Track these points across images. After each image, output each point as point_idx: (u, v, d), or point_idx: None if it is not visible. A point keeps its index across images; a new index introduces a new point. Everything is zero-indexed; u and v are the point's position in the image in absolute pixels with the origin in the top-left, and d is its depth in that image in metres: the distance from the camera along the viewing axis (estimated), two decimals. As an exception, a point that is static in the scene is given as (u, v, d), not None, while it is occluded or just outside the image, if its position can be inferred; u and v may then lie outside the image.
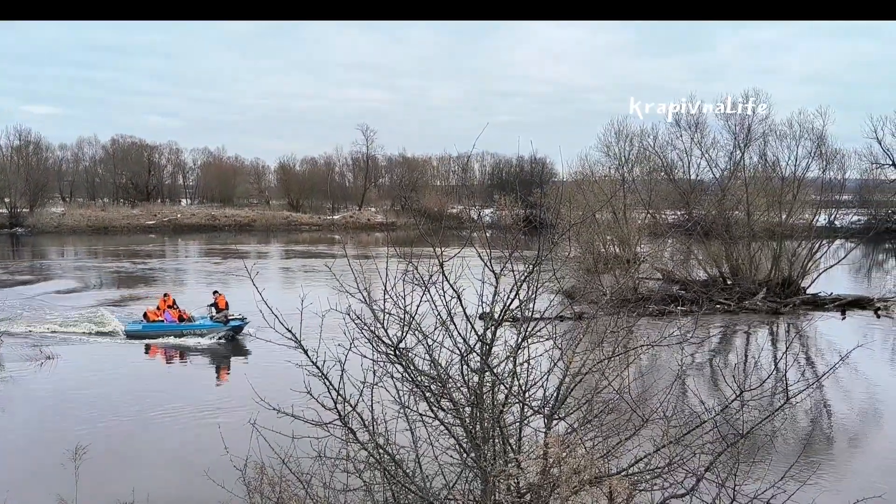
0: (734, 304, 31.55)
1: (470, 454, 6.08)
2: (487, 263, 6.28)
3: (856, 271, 45.87)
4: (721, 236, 34.65)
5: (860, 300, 32.28)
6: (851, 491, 10.86)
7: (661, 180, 40.18)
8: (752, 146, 37.17)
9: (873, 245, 59.38)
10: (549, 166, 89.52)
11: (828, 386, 19.23)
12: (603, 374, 6.15)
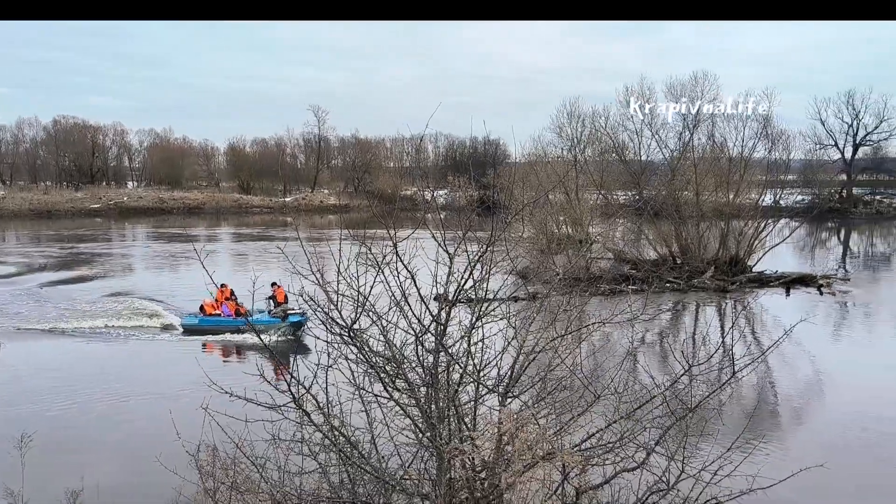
0: (684, 283, 32.23)
1: (425, 434, 6.11)
2: (441, 244, 6.29)
3: (800, 249, 47.22)
4: (671, 216, 35.30)
5: (804, 277, 33.27)
6: (795, 461, 11.20)
7: (612, 161, 40.71)
8: (701, 127, 37.88)
9: (817, 224, 61.26)
10: (502, 147, 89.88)
11: (773, 361, 19.81)
12: (556, 353, 6.23)
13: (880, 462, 12.89)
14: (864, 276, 37.34)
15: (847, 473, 12.25)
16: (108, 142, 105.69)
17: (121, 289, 32.17)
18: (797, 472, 6.17)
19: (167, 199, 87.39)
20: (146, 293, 30.59)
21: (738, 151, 35.78)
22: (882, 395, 16.85)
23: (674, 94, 38.93)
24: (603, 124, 41.07)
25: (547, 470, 5.93)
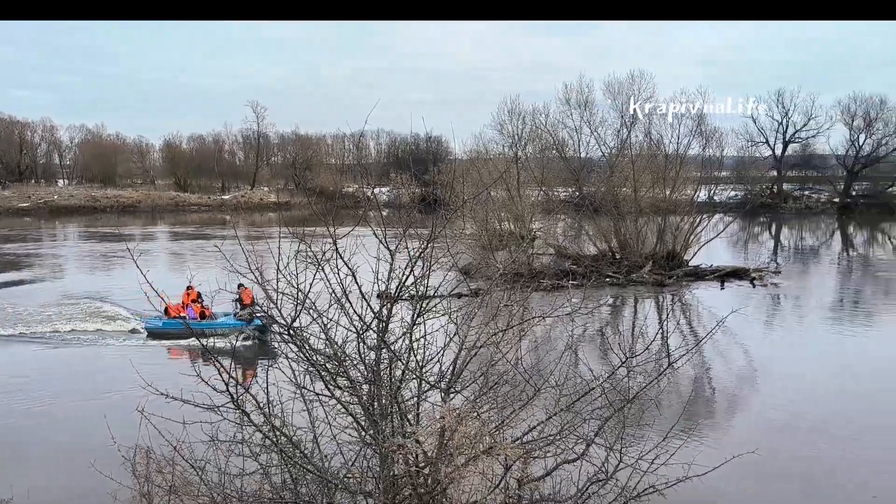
0: (623, 278, 32.86)
1: (368, 431, 6.09)
2: (382, 241, 6.27)
3: (734, 244, 48.68)
4: (610, 212, 35.93)
5: (737, 271, 34.33)
6: (730, 448, 11.59)
7: (553, 158, 41.22)
8: (638, 124, 38.69)
9: (749, 219, 63.24)
10: (444, 144, 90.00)
11: (709, 352, 20.41)
12: (497, 348, 6.28)
13: (810, 447, 13.38)
14: (795, 269, 38.73)
15: (778, 459, 12.69)
16: (36, 138, 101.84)
17: (73, 291, 30.88)
18: (730, 459, 6.37)
19: (100, 198, 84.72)
20: (99, 294, 29.51)
21: (674, 148, 36.71)
22: (812, 383, 17.52)
23: (612, 92, 39.71)
24: (543, 122, 41.57)
25: (489, 463, 5.99)
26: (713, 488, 10.38)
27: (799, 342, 22.81)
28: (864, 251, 48.13)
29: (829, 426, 14.37)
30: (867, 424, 14.46)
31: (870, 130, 71.05)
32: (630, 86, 39.96)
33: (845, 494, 11.56)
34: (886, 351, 20.66)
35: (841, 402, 15.96)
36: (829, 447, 13.32)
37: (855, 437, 13.84)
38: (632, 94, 39.14)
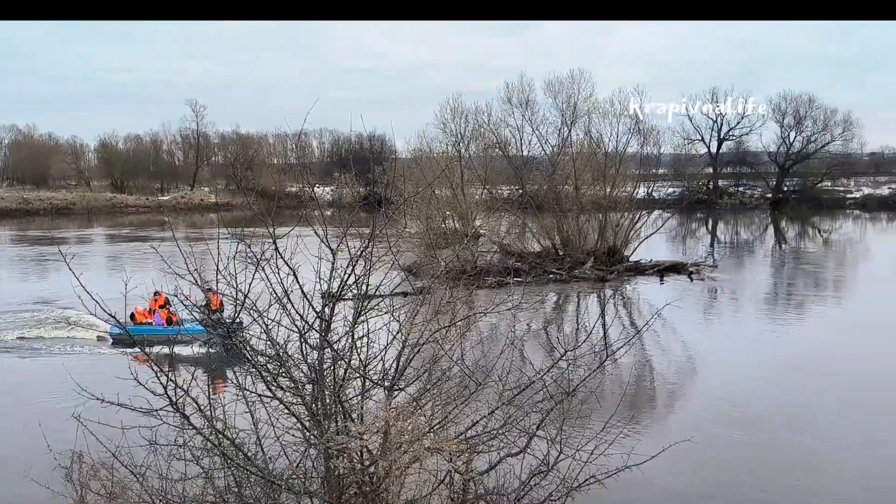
0: (566, 274, 33.36)
1: (311, 431, 6.07)
2: (323, 240, 6.25)
3: (672, 239, 49.89)
4: (552, 209, 36.44)
5: (676, 265, 35.20)
6: (668, 437, 11.92)
7: (496, 157, 41.51)
8: (578, 123, 39.30)
9: (686, 215, 64.82)
10: (388, 143, 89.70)
11: (650, 346, 20.94)
12: (440, 344, 6.34)
13: (745, 435, 13.83)
14: (730, 263, 39.94)
15: (714, 447, 13.11)
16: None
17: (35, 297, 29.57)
18: (667, 448, 6.57)
19: (32, 200, 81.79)
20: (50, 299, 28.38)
21: (613, 146, 37.42)
22: (747, 373, 18.08)
23: (552, 90, 40.21)
24: (486, 121, 41.84)
25: (433, 459, 6.04)
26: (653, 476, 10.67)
27: (735, 334, 23.53)
28: (795, 245, 49.89)
29: (762, 415, 14.88)
30: (798, 413, 15.03)
31: (799, 128, 73.70)
32: (570, 85, 40.60)
33: (775, 480, 11.98)
34: (817, 341, 21.49)
35: (774, 392, 16.52)
36: (762, 435, 13.80)
37: (787, 424, 14.37)
38: (572, 92, 39.73)
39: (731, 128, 77.06)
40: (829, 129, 72.35)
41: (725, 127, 77.13)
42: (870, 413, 14.77)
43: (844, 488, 11.56)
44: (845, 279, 34.61)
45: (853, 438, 13.41)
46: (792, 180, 75.68)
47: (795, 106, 73.32)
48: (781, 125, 74.49)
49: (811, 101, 72.78)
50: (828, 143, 72.40)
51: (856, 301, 28.52)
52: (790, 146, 74.12)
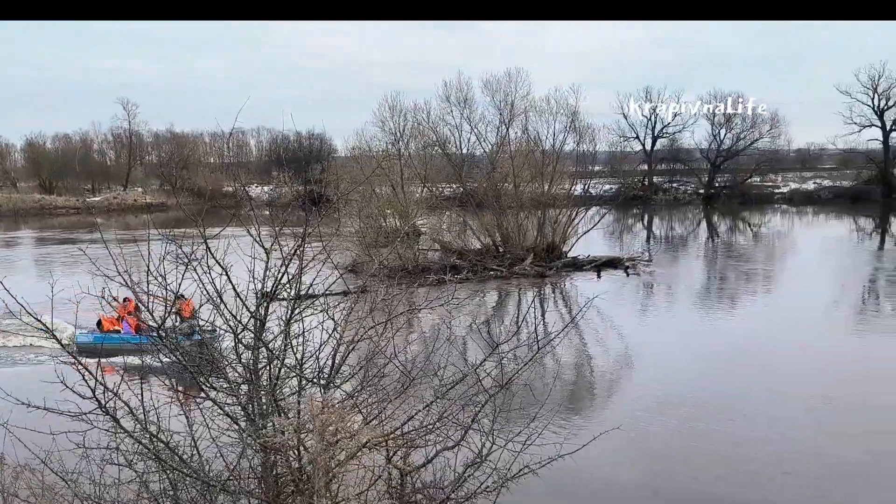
0: (506, 270, 33.75)
1: (247, 432, 6.06)
2: (256, 238, 6.25)
3: (609, 235, 50.94)
4: (492, 207, 36.77)
5: (612, 260, 35.97)
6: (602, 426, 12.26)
7: (436, 155, 41.62)
8: (516, 121, 39.70)
9: (623, 211, 66.28)
10: (328, 142, 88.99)
11: (588, 339, 21.45)
12: (374, 342, 6.40)
13: (678, 424, 14.29)
14: (665, 257, 40.96)
15: (649, 436, 13.54)
16: None
17: None
18: (598, 436, 6.78)
19: (-47, 203, 78.40)
20: None
21: (551, 144, 37.96)
22: (681, 364, 18.65)
23: (490, 89, 40.48)
24: (425, 119, 41.91)
25: (370, 455, 6.11)
26: (590, 466, 10.97)
27: (668, 326, 24.19)
28: (727, 239, 51.48)
29: (695, 405, 15.37)
30: (729, 403, 15.57)
31: (729, 126, 76.00)
32: (508, 83, 40.92)
33: (707, 468, 12.43)
34: (746, 333, 22.22)
35: (707, 383, 17.08)
36: (695, 424, 14.27)
37: (719, 412, 14.91)
38: (509, 91, 40.10)
39: (665, 126, 79.05)
40: (758, 126, 74.91)
41: (659, 125, 79.07)
42: (795, 403, 15.39)
43: (771, 474, 12.07)
44: (774, 272, 35.91)
45: (779, 428, 13.98)
46: (723, 176, 77.93)
47: (726, 104, 75.63)
48: (712, 123, 76.77)
49: (740, 100, 75.23)
50: (756, 141, 74.89)
51: (783, 294, 29.62)
52: (721, 143, 76.40)
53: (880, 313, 25.51)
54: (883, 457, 12.66)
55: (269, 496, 6.07)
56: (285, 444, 5.60)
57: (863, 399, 15.38)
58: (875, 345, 20.31)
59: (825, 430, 13.88)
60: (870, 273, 33.66)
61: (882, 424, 14.03)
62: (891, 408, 14.85)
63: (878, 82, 71.72)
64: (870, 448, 13.00)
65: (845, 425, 14.11)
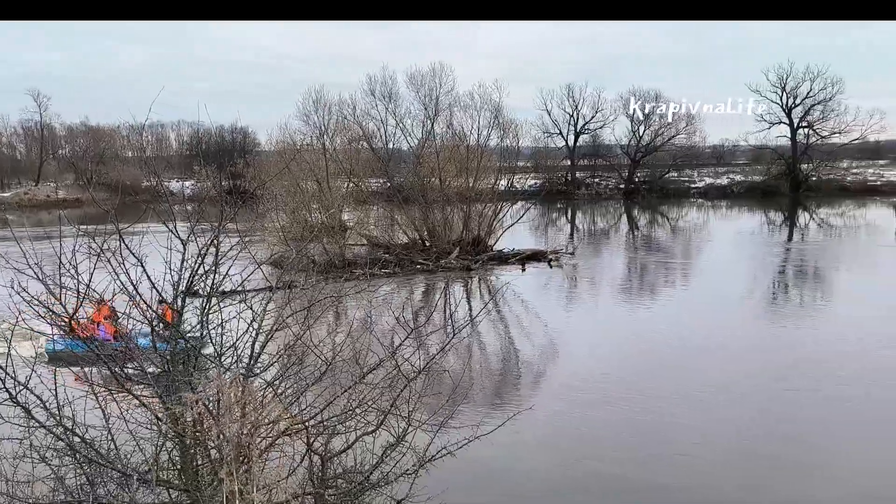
0: (432, 264, 34.05)
1: (166, 423, 6.07)
2: (172, 230, 6.25)
3: (534, 229, 51.88)
4: (418, 201, 36.98)
5: (536, 253, 36.71)
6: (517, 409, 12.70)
7: (361, 149, 41.56)
8: (441, 116, 40.05)
9: (547, 205, 67.56)
10: (252, 136, 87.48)
11: (514, 330, 21.97)
12: (294, 331, 6.50)
13: (599, 412, 14.81)
14: (588, 250, 42.06)
15: (568, 418, 14.04)
16: None
17: None
18: (511, 417, 7.06)
19: None
20: None
21: (475, 139, 38.44)
22: (601, 352, 19.27)
23: (414, 83, 40.71)
24: (351, 113, 41.78)
25: (292, 443, 6.21)
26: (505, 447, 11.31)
27: (591, 316, 24.94)
28: (646, 232, 53.14)
29: (616, 393, 15.93)
30: (647, 386, 16.23)
31: (647, 122, 78.37)
32: (432, 78, 41.27)
33: (631, 452, 12.96)
34: (667, 322, 23.08)
35: (626, 369, 17.70)
36: (616, 411, 14.82)
37: (638, 393, 15.54)
38: (434, 86, 40.43)
39: (587, 122, 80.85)
40: (675, 123, 77.49)
41: (581, 121, 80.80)
42: (712, 387, 16.14)
43: (691, 454, 12.70)
44: (691, 264, 37.31)
45: (696, 412, 14.67)
46: (643, 171, 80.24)
47: (643, 102, 77.93)
48: (631, 120, 78.99)
49: (658, 97, 77.64)
50: (673, 137, 77.39)
51: (700, 285, 30.81)
52: (640, 139, 78.65)
53: (789, 303, 26.92)
54: (790, 437, 13.48)
55: (190, 486, 6.10)
56: (203, 432, 5.63)
57: (772, 383, 16.28)
58: (784, 332, 21.42)
59: (738, 413, 14.64)
60: (779, 264, 35.40)
61: (789, 406, 14.91)
62: (798, 390, 15.76)
63: (786, 81, 75.31)
64: (774, 430, 13.85)
65: (760, 408, 14.91)
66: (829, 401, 15.08)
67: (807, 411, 14.60)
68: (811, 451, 12.85)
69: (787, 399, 15.24)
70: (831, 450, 12.85)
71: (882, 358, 17.72)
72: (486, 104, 38.22)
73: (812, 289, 29.75)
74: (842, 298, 26.70)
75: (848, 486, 11.32)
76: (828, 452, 12.75)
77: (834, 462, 12.36)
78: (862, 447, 12.82)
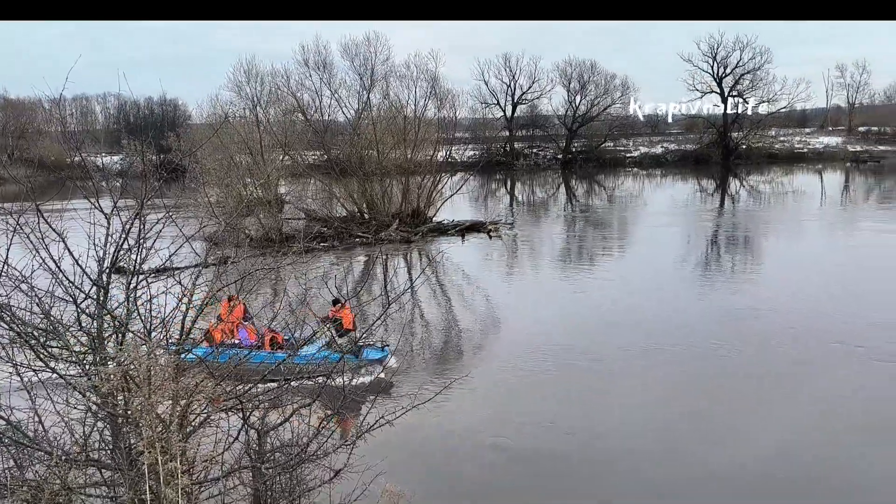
0: (372, 237, 33.91)
1: (95, 402, 5.92)
2: (95, 204, 6.05)
3: (473, 200, 52.10)
4: (356, 174, 36.64)
5: (476, 224, 36.89)
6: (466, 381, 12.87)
7: (296, 121, 40.83)
8: (377, 87, 39.61)
9: (486, 176, 67.87)
10: (182, 108, 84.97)
11: (454, 300, 22.10)
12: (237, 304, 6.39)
13: (543, 378, 15.10)
14: (527, 220, 42.54)
15: (499, 382, 14.28)
16: None
17: None
18: (447, 385, 7.13)
19: None
20: None
21: (413, 110, 38.18)
22: (541, 320, 19.56)
23: (349, 53, 40.10)
24: (285, 84, 40.93)
25: (227, 417, 6.14)
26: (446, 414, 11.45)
27: (531, 286, 25.26)
28: (584, 201, 53.94)
29: (554, 354, 16.25)
30: (586, 350, 16.60)
31: (584, 92, 79.12)
32: (367, 47, 40.71)
33: (578, 417, 13.27)
34: (604, 289, 23.54)
35: (565, 334, 18.00)
36: (561, 377, 15.13)
37: (577, 356, 15.90)
38: (369, 56, 39.91)
39: (524, 92, 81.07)
40: (610, 93, 78.49)
41: (518, 91, 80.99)
42: (648, 349, 16.62)
43: (626, 405, 13.10)
44: (627, 233, 38.12)
45: (637, 375, 15.10)
46: (579, 141, 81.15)
47: (580, 71, 78.59)
48: (568, 89, 79.58)
49: (594, 67, 78.42)
50: (609, 106, 78.43)
51: (636, 253, 31.50)
52: (576, 109, 79.39)
53: (721, 267, 27.79)
54: (716, 393, 14.03)
55: (123, 466, 5.97)
56: (136, 411, 5.51)
57: (703, 343, 16.86)
58: (716, 295, 22.13)
59: (670, 370, 15.13)
60: (712, 231, 36.46)
61: (719, 363, 15.49)
62: (728, 349, 16.36)
63: (716, 51, 76.96)
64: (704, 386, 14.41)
65: (693, 367, 15.44)
66: (755, 359, 15.76)
67: (733, 368, 15.25)
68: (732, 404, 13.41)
69: (718, 357, 15.84)
70: (750, 406, 13.43)
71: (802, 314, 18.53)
72: (423, 74, 38.00)
73: (742, 254, 30.80)
74: (771, 262, 27.80)
75: (760, 439, 11.86)
76: (746, 407, 13.32)
77: (753, 416, 12.92)
78: (781, 401, 13.45)
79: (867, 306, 19.19)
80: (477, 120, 75.22)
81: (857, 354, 15.66)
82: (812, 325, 17.78)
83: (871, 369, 14.85)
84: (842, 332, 17.10)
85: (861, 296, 20.43)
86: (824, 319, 18.27)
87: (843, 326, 17.54)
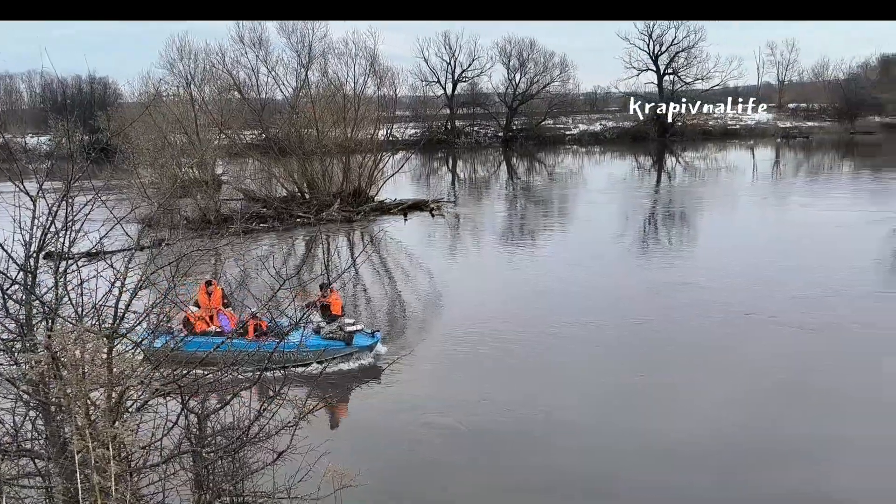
0: (313, 217, 33.54)
1: (26, 391, 5.75)
2: (19, 185, 5.82)
3: (415, 179, 52.01)
4: (296, 153, 36.10)
5: (418, 203, 36.82)
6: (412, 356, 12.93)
7: (233, 99, 39.93)
8: (315, 64, 38.99)
9: (428, 154, 67.75)
10: (113, 86, 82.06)
11: (398, 280, 22.09)
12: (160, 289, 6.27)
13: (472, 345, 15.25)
14: (469, 199, 42.71)
15: (455, 360, 14.39)
16: None
17: None
18: (395, 360, 7.16)
19: None
20: None
21: (352, 87, 37.75)
22: (485, 298, 19.73)
23: (285, 30, 39.34)
24: (220, 61, 39.93)
25: (165, 402, 6.04)
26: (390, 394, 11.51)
27: (474, 264, 25.41)
28: (525, 179, 54.39)
29: (496, 329, 16.42)
30: (527, 324, 16.84)
31: (523, 70, 79.50)
32: (304, 24, 39.95)
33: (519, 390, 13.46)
34: (546, 266, 23.85)
35: (507, 311, 18.17)
36: (496, 351, 15.30)
37: (519, 330, 16.12)
38: (306, 33, 39.21)
39: (464, 70, 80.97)
40: (549, 70, 79.04)
41: (459, 69, 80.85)
42: (586, 323, 16.97)
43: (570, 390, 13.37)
44: (568, 210, 38.62)
45: (574, 350, 15.39)
46: (520, 119, 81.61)
47: (519, 49, 78.89)
48: (507, 67, 79.83)
49: (532, 45, 78.82)
50: (548, 84, 79.02)
51: (577, 230, 32.03)
52: (516, 87, 79.74)
53: (657, 242, 28.47)
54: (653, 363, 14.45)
55: (57, 455, 5.83)
56: (67, 397, 5.38)
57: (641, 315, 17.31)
58: (652, 271, 22.66)
59: (608, 351, 15.50)
60: (649, 208, 37.24)
61: (654, 342, 15.92)
62: (662, 325, 16.84)
63: (652, 29, 78.23)
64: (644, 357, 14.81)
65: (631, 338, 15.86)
66: (684, 330, 16.35)
67: (664, 340, 15.74)
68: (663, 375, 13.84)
69: (651, 329, 16.31)
70: (680, 375, 13.88)
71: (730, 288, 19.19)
72: (362, 51, 37.56)
73: (677, 229, 31.57)
74: (703, 237, 28.66)
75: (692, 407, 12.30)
76: (677, 377, 13.76)
77: (684, 385, 13.38)
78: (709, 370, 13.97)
79: (789, 280, 19.96)
80: (417, 98, 74.83)
81: (776, 324, 16.38)
82: (738, 298, 18.39)
83: (788, 337, 15.56)
84: (765, 305, 17.78)
85: (785, 270, 21.20)
86: (749, 293, 18.92)
87: (766, 299, 18.23)
